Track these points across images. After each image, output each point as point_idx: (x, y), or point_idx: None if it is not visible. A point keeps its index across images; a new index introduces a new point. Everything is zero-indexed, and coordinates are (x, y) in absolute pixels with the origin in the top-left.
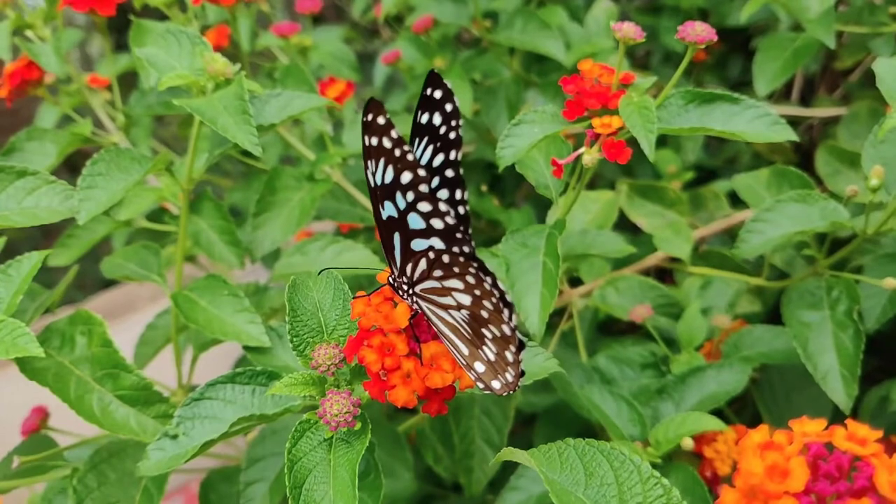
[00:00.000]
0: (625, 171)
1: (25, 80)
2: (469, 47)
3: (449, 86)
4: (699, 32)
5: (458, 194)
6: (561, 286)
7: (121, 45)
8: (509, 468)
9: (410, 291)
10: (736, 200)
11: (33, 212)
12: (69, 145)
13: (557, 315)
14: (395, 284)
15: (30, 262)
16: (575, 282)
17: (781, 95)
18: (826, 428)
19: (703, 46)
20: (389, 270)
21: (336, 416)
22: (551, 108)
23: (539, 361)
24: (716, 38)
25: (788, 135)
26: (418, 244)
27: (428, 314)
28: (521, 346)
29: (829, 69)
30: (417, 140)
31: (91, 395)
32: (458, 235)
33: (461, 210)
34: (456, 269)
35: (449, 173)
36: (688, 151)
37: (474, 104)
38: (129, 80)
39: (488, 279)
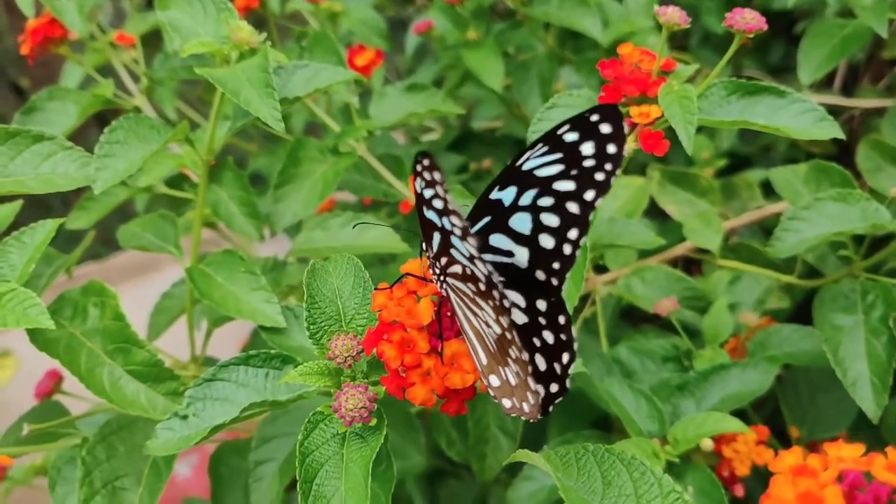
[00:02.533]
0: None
1: (48, 38)
2: (504, 20)
3: (624, 129)
4: (749, 20)
5: (571, 233)
6: (586, 273)
7: (152, 2)
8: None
9: (442, 278)
10: (769, 191)
11: (49, 178)
12: (90, 106)
13: (581, 301)
14: (429, 263)
15: (44, 229)
16: (600, 268)
17: (823, 84)
18: (864, 454)
19: (751, 35)
20: (421, 254)
21: (351, 410)
22: (587, 93)
23: None
24: (766, 27)
25: (835, 132)
26: (458, 255)
27: (455, 306)
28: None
29: (875, 58)
30: (545, 146)
31: (101, 369)
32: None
33: (567, 249)
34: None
35: (571, 207)
36: (722, 138)
37: (505, 78)
38: (155, 40)
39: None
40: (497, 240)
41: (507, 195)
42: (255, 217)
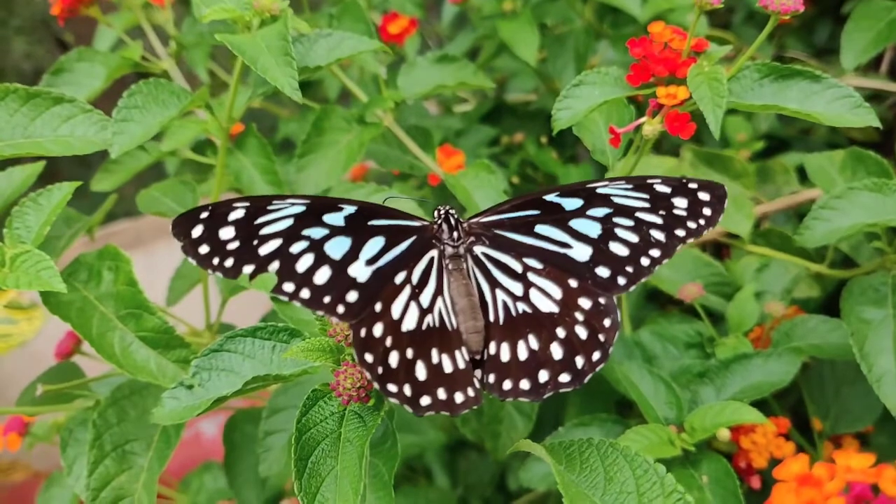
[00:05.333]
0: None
1: None
2: None
3: (724, 205)
4: (784, 1)
5: (654, 252)
6: None
7: None
8: (541, 432)
9: None
10: (806, 176)
11: (68, 141)
12: (118, 69)
13: None
14: None
15: (60, 191)
16: None
17: (869, 66)
18: (874, 464)
19: (787, 17)
20: None
21: (349, 389)
22: (615, 71)
23: None
24: (802, 9)
25: (871, 120)
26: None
27: None
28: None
29: None
30: (630, 185)
31: (113, 334)
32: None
33: (645, 262)
34: None
35: (657, 235)
36: (760, 119)
37: (541, 51)
38: (189, 2)
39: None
40: (549, 231)
41: (569, 202)
42: (276, 185)
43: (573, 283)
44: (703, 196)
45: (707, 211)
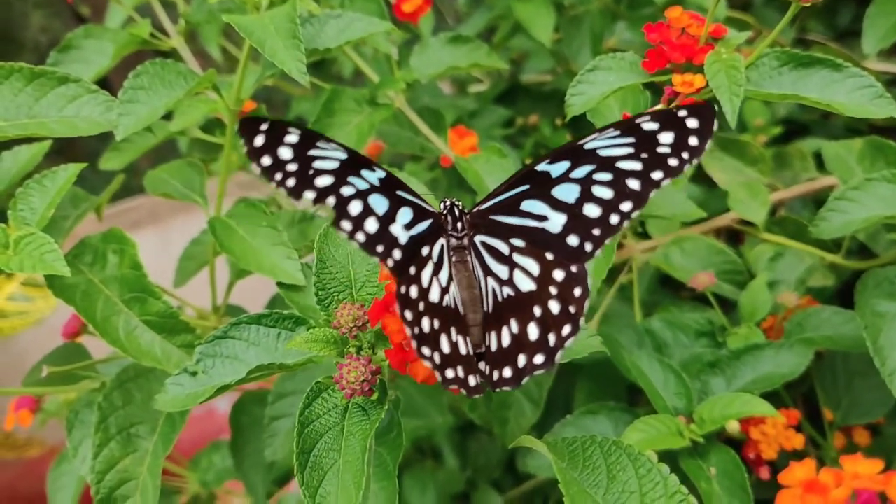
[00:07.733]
0: None
1: None
2: None
3: (712, 128)
4: None
5: (625, 205)
6: (623, 239)
7: None
8: (550, 419)
9: None
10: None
11: (73, 121)
12: (126, 46)
13: (619, 268)
14: None
15: (65, 173)
16: (641, 234)
17: (892, 51)
18: (883, 471)
19: (808, 5)
20: None
21: (352, 383)
22: (630, 56)
23: (580, 338)
24: None
25: (892, 111)
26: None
27: None
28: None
29: None
30: (617, 131)
31: (118, 318)
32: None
33: (614, 219)
34: None
35: (632, 184)
36: (779, 104)
37: (556, 32)
38: None
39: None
40: (531, 205)
41: (556, 168)
42: None
43: (549, 256)
44: (692, 123)
45: (693, 140)
